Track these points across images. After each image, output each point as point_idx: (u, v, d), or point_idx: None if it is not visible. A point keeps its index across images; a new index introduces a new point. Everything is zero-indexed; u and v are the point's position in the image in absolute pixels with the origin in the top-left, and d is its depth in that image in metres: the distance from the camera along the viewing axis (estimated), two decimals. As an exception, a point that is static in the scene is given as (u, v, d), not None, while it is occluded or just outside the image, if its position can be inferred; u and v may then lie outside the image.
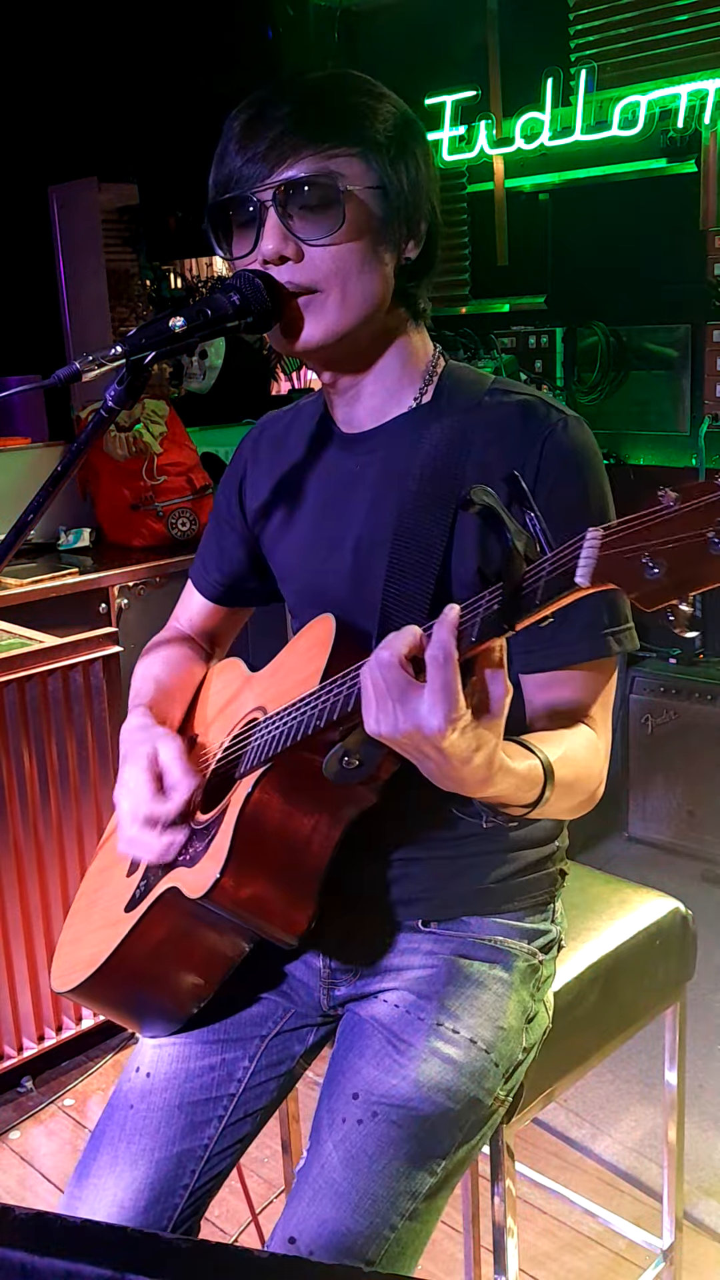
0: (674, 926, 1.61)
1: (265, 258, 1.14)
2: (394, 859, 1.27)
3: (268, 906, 1.15)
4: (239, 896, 1.13)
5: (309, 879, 1.16)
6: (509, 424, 1.18)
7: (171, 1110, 1.29)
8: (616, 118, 3.32)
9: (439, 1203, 1.21)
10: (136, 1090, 1.32)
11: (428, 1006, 1.24)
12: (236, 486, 1.44)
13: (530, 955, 1.30)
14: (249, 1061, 1.33)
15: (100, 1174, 1.27)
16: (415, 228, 1.19)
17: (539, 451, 1.15)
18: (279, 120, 1.12)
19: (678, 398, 3.53)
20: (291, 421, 1.39)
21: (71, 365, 1.12)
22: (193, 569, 1.54)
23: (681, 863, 3.40)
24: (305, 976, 1.35)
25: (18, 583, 3.18)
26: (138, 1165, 1.26)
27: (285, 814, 1.14)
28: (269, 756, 1.14)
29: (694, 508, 0.79)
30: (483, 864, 1.28)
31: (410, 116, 1.19)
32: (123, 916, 1.29)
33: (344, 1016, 1.32)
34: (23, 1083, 2.56)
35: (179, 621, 1.56)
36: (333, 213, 1.12)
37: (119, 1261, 0.57)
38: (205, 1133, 1.29)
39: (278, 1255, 0.65)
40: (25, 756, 2.41)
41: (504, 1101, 1.27)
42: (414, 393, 1.24)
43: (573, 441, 1.17)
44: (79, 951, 1.35)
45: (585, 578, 0.83)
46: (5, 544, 1.16)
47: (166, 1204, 1.26)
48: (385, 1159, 1.16)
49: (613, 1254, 2.07)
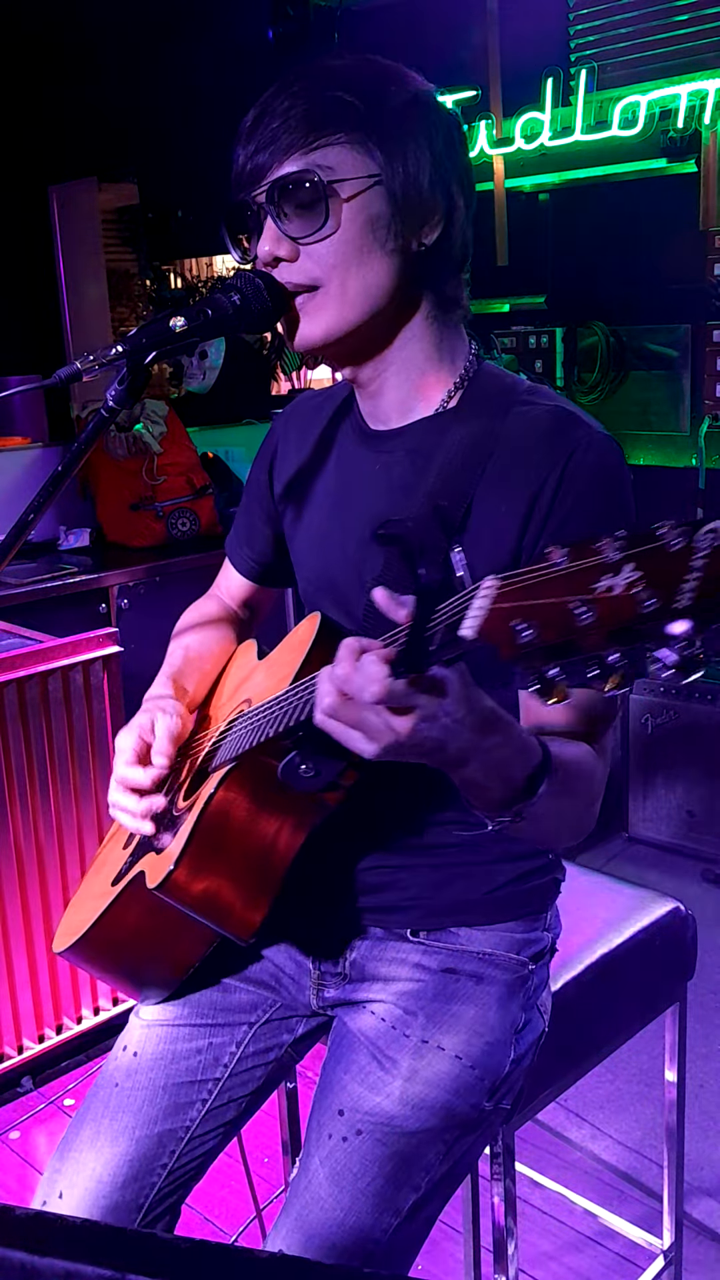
0: (674, 926, 1.61)
1: (262, 261, 1.14)
2: (383, 866, 1.27)
3: (221, 904, 1.15)
4: (192, 891, 1.14)
5: (268, 880, 1.16)
6: (534, 435, 1.14)
7: (156, 1090, 1.30)
8: (616, 118, 3.32)
9: (427, 1216, 1.21)
10: (123, 1068, 1.33)
11: (413, 1022, 1.23)
12: (268, 464, 1.42)
13: (520, 966, 1.29)
14: (235, 1047, 1.34)
15: (81, 1149, 1.28)
16: (427, 214, 1.14)
17: (563, 469, 1.10)
18: (275, 118, 1.11)
19: (678, 398, 3.53)
20: (322, 404, 1.36)
21: (72, 365, 1.12)
22: (228, 541, 1.53)
23: (681, 863, 3.40)
24: (296, 974, 1.35)
25: (18, 583, 3.18)
26: (118, 1141, 1.27)
27: (249, 814, 1.15)
28: (235, 756, 1.14)
29: (579, 568, 0.71)
30: (472, 874, 1.27)
31: (424, 99, 1.14)
32: (108, 889, 1.32)
33: (334, 1026, 1.32)
34: (23, 1083, 2.56)
35: (219, 589, 1.56)
36: (319, 209, 1.10)
37: (119, 1261, 0.57)
38: (188, 1114, 1.30)
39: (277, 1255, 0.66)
40: (25, 756, 2.41)
41: (493, 1112, 1.26)
42: (443, 394, 1.21)
43: (601, 463, 1.12)
44: (77, 915, 1.38)
45: (472, 629, 0.77)
46: (5, 544, 1.16)
47: (144, 1182, 1.26)
48: (369, 1176, 1.17)
49: (613, 1254, 2.07)
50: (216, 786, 1.14)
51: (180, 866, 1.12)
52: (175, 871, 1.12)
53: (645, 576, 0.68)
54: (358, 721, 0.88)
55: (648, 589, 0.67)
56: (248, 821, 1.15)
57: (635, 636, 0.69)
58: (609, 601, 0.69)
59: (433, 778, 1.06)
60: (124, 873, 1.31)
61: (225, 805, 1.14)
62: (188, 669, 1.42)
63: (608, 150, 3.40)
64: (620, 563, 0.69)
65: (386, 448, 1.24)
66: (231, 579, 1.54)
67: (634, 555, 0.69)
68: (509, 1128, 1.38)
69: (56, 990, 2.57)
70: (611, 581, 0.69)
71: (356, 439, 1.28)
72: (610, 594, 0.69)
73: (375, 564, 1.21)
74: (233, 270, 1.12)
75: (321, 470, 1.32)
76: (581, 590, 0.70)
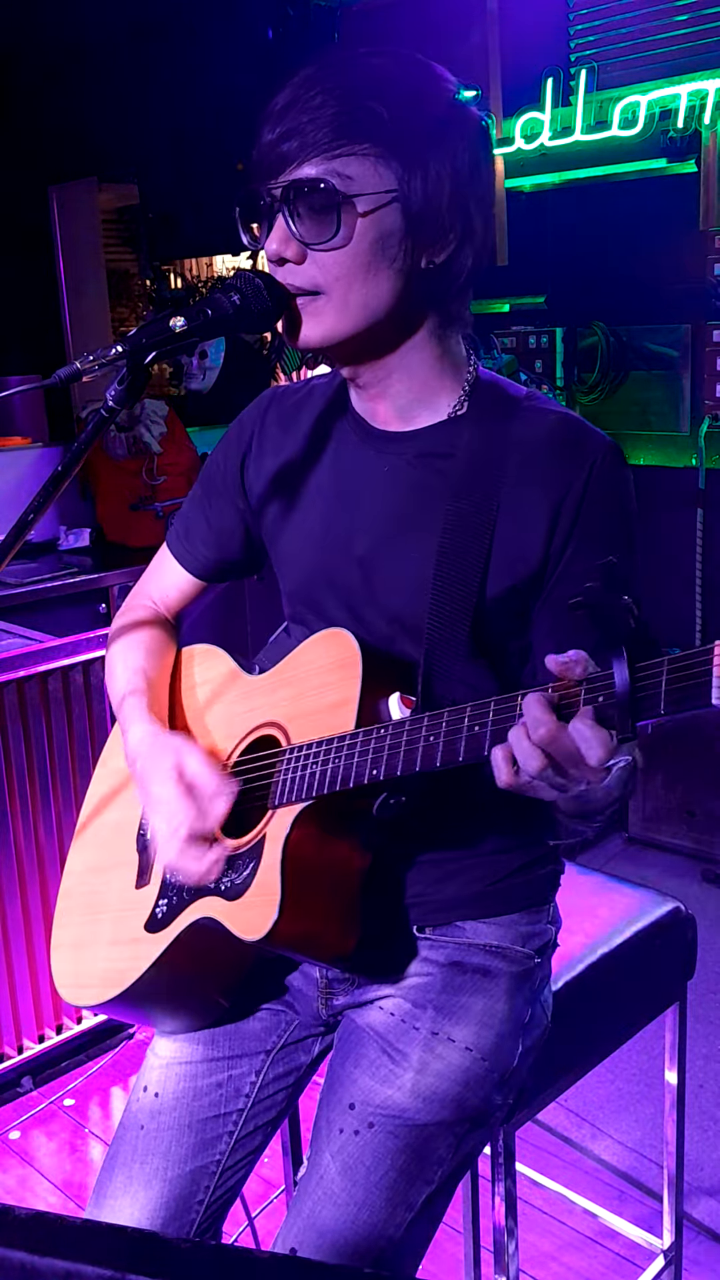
0: (674, 926, 1.61)
1: (268, 256, 1.14)
2: (387, 864, 1.26)
3: (321, 938, 1.15)
4: (294, 933, 1.13)
5: (351, 903, 1.15)
6: (553, 442, 1.16)
7: (181, 1129, 1.29)
8: (616, 118, 3.32)
9: (437, 1209, 1.21)
10: (145, 1110, 1.32)
11: (423, 1015, 1.23)
12: (239, 459, 1.37)
13: (526, 959, 1.29)
14: (255, 1076, 1.33)
15: (116, 1195, 1.27)
16: (441, 234, 1.12)
17: (586, 478, 1.14)
18: (304, 112, 1.08)
19: (678, 398, 3.53)
20: (304, 400, 1.34)
21: (72, 365, 1.11)
22: (172, 541, 1.46)
23: (681, 863, 3.41)
24: (304, 987, 1.34)
25: (18, 583, 3.18)
26: (152, 1185, 1.27)
27: (323, 845, 1.14)
28: (311, 794, 1.12)
29: None
30: (475, 867, 1.27)
31: (455, 115, 1.12)
32: (144, 936, 1.27)
33: (341, 1024, 1.32)
34: (23, 1083, 2.56)
35: (149, 598, 1.47)
36: (332, 218, 1.09)
37: (119, 1261, 0.57)
38: (217, 1149, 1.30)
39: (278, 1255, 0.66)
40: (25, 756, 2.41)
41: (501, 1106, 1.27)
42: (451, 400, 1.21)
43: (617, 472, 1.16)
44: (92, 964, 1.33)
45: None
46: (5, 544, 1.16)
47: (183, 1220, 1.27)
48: (382, 1169, 1.17)
49: (613, 1254, 2.07)
50: (293, 825, 1.12)
51: (284, 914, 1.10)
52: (280, 921, 1.09)
53: None
54: (551, 778, 0.92)
55: None
56: (323, 852, 1.14)
57: None
58: None
59: (431, 777, 1.07)
60: (164, 917, 1.25)
61: (302, 841, 1.13)
62: (154, 697, 1.36)
63: (608, 150, 3.40)
64: None
65: (395, 449, 1.23)
66: (170, 578, 1.46)
67: None
68: (509, 1127, 1.38)
69: (56, 992, 2.57)
70: None
71: (358, 438, 1.27)
72: None
73: (398, 573, 1.20)
74: (233, 270, 1.12)
75: (314, 467, 1.30)
76: None
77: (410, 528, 1.20)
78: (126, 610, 1.47)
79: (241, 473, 1.37)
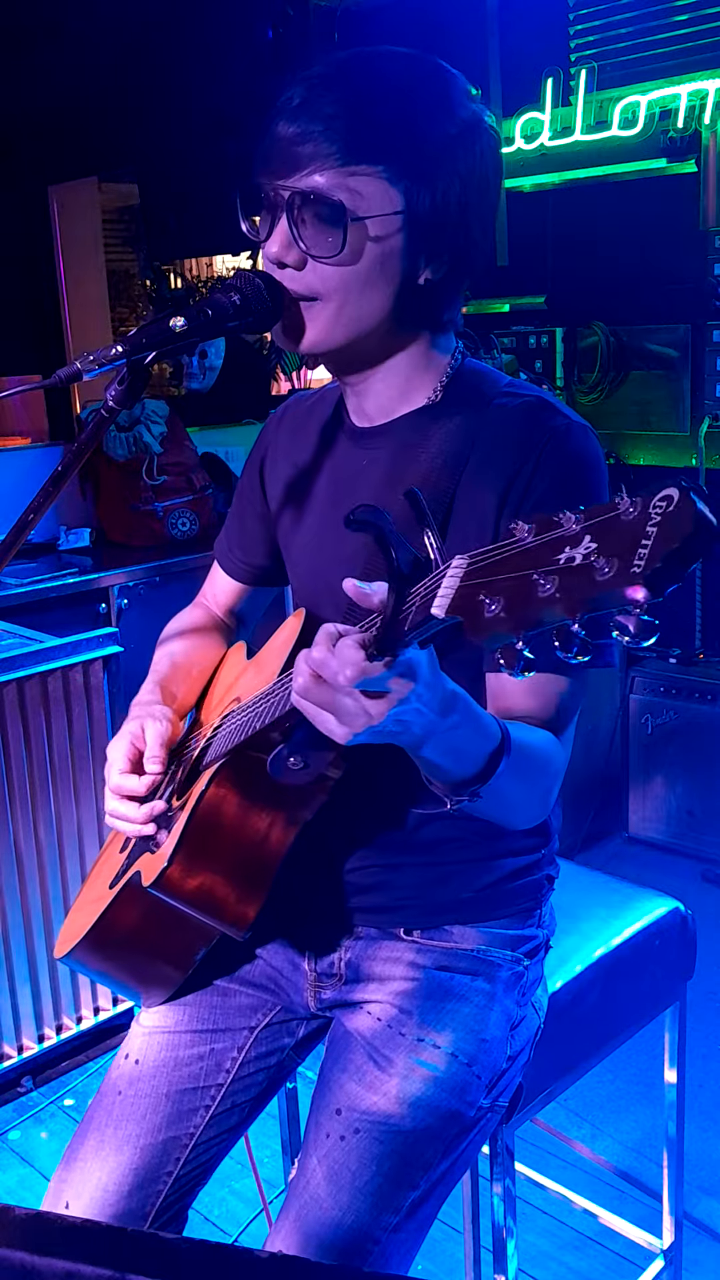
0: (674, 926, 1.61)
1: (266, 257, 1.14)
2: (373, 866, 1.27)
3: (215, 900, 1.16)
4: (186, 887, 1.15)
5: (262, 875, 1.17)
6: (512, 426, 1.16)
7: (159, 1097, 1.30)
8: (616, 118, 3.32)
9: (426, 1214, 1.21)
10: (125, 1076, 1.32)
11: (409, 1021, 1.24)
12: (259, 467, 1.42)
13: (514, 963, 1.29)
14: (237, 1052, 1.34)
15: (86, 1158, 1.28)
16: (441, 251, 1.13)
17: (538, 456, 1.13)
18: (319, 115, 1.07)
19: (678, 398, 3.53)
20: (313, 407, 1.37)
21: (72, 365, 1.12)
22: (218, 546, 1.52)
23: (681, 863, 3.41)
24: (293, 977, 1.35)
25: (18, 583, 3.18)
26: (123, 1150, 1.27)
27: (240, 810, 1.15)
28: (224, 752, 1.15)
29: (541, 542, 0.73)
30: (464, 871, 1.27)
31: (471, 128, 1.12)
32: (106, 892, 1.32)
33: (331, 1027, 1.32)
34: (23, 1083, 2.56)
35: (205, 597, 1.55)
36: (338, 233, 1.09)
37: (119, 1261, 0.57)
38: (192, 1121, 1.30)
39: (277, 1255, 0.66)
40: (25, 756, 2.41)
41: (490, 1110, 1.26)
42: (427, 391, 1.22)
43: (575, 449, 1.14)
44: (77, 920, 1.38)
45: (442, 608, 0.79)
46: (5, 544, 1.16)
47: (150, 1190, 1.26)
48: (367, 1175, 1.17)
49: (613, 1254, 2.07)
50: (208, 784, 1.15)
51: (174, 864, 1.13)
52: (169, 869, 1.13)
53: (601, 546, 0.69)
54: (332, 704, 0.88)
55: (604, 557, 0.69)
56: (239, 817, 1.15)
57: (594, 605, 0.70)
58: (569, 572, 0.70)
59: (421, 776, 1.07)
60: (121, 875, 1.31)
61: (216, 801, 1.14)
62: (174, 675, 1.41)
63: (608, 150, 3.40)
64: (580, 534, 0.71)
65: (374, 444, 1.25)
66: (220, 584, 1.53)
67: (591, 526, 0.71)
68: (509, 1127, 1.38)
69: (56, 990, 2.57)
70: (572, 553, 0.71)
71: (348, 438, 1.29)
72: (570, 564, 0.70)
73: (368, 561, 1.21)
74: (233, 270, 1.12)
75: (317, 472, 1.32)
76: (544, 563, 0.72)
77: None
78: (189, 607, 1.56)
79: (262, 482, 1.41)
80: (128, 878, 1.26)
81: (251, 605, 1.55)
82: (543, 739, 1.12)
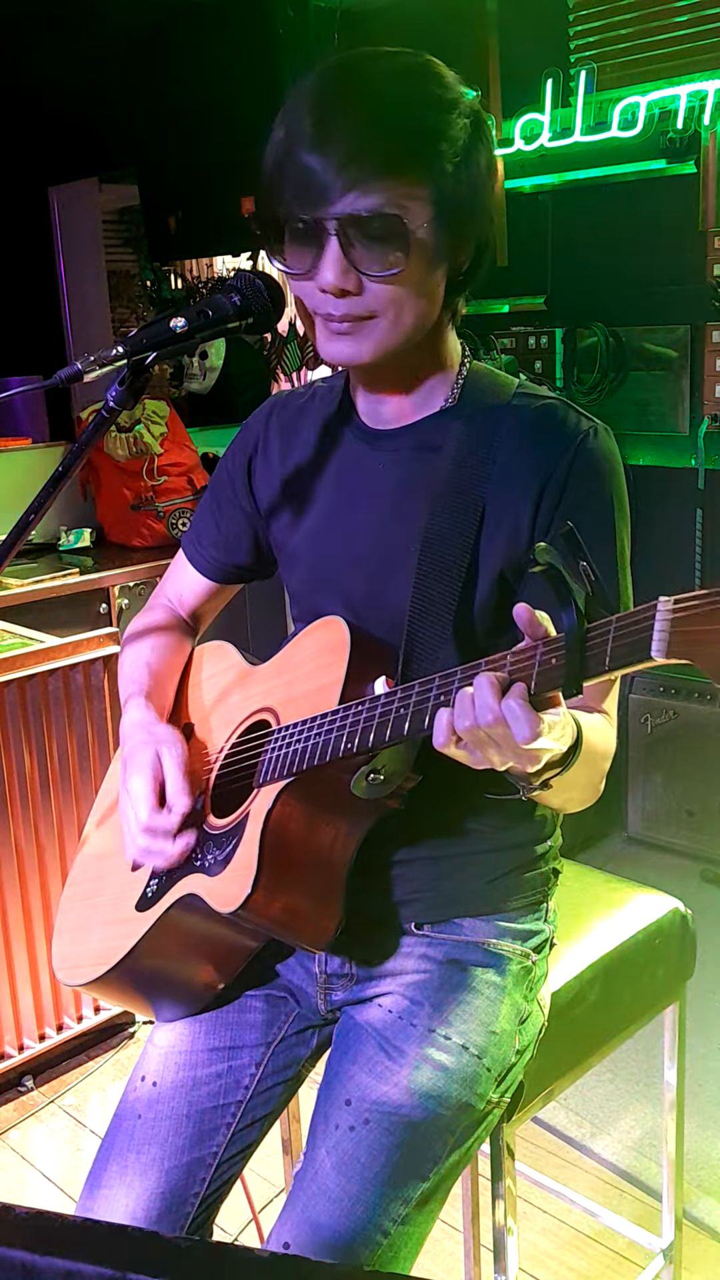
0: (674, 926, 1.61)
1: (323, 288, 1.11)
2: (384, 861, 1.27)
3: (297, 917, 1.16)
4: (270, 909, 1.14)
5: (333, 886, 1.17)
6: (536, 429, 1.18)
7: (179, 1119, 1.29)
8: (616, 118, 3.32)
9: (433, 1207, 1.21)
10: (144, 1099, 1.31)
11: (420, 1013, 1.24)
12: (245, 464, 1.40)
13: (523, 957, 1.30)
14: (255, 1068, 1.33)
15: (111, 1184, 1.26)
16: (469, 241, 1.15)
17: (570, 460, 1.16)
18: (350, 135, 1.06)
19: (677, 398, 3.53)
20: (306, 405, 1.36)
21: (72, 365, 1.12)
22: (186, 544, 1.49)
23: (681, 863, 3.41)
24: (303, 982, 1.35)
25: (18, 583, 3.18)
26: (148, 1175, 1.26)
27: (308, 825, 1.15)
28: (292, 771, 1.13)
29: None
30: (474, 864, 1.28)
31: (478, 119, 1.14)
32: (135, 915, 1.28)
33: (340, 1020, 1.32)
34: (23, 1083, 2.56)
35: (166, 598, 1.52)
36: (398, 249, 1.08)
37: (120, 1261, 0.57)
38: (214, 1140, 1.29)
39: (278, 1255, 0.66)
40: (25, 756, 2.41)
41: (497, 1104, 1.27)
42: (444, 395, 1.23)
43: (603, 451, 1.18)
44: (86, 944, 1.35)
45: (661, 652, 0.83)
46: (6, 544, 1.16)
47: (178, 1213, 1.26)
48: (377, 1165, 1.17)
49: (613, 1254, 2.07)
50: (275, 801, 1.13)
51: (258, 887, 1.11)
52: (255, 892, 1.11)
53: None
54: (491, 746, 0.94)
55: None
56: (307, 831, 1.15)
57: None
58: None
59: (430, 772, 1.07)
60: (153, 896, 1.27)
61: (284, 819, 1.14)
62: (156, 688, 1.39)
63: (607, 151, 3.40)
64: None
65: (391, 446, 1.25)
66: (186, 582, 1.50)
67: None
68: (509, 1127, 1.38)
69: (56, 990, 2.57)
70: None
71: (359, 438, 1.28)
72: None
73: (390, 566, 1.22)
74: (233, 270, 1.11)
75: (321, 471, 1.31)
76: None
77: (402, 520, 1.22)
78: (145, 610, 1.52)
79: (249, 479, 1.39)
80: (174, 899, 1.23)
81: (215, 603, 1.53)
82: (601, 724, 1.17)
